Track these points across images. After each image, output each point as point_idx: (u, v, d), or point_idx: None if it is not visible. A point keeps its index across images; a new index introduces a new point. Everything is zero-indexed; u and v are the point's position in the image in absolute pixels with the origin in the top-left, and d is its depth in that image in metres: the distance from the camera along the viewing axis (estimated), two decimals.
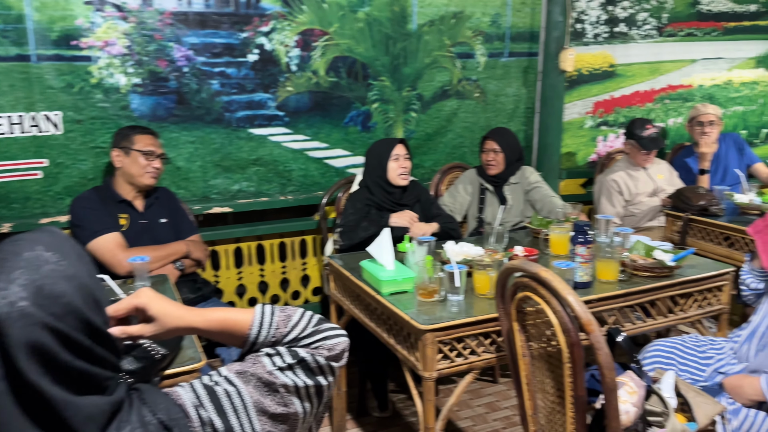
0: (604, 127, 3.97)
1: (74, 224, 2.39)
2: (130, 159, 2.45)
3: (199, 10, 2.84)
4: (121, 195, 2.48)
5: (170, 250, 2.47)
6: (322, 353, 0.96)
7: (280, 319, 0.99)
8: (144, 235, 2.47)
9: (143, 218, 2.51)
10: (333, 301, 2.48)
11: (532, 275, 1.48)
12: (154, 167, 2.48)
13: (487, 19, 3.47)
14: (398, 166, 2.74)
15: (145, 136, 2.50)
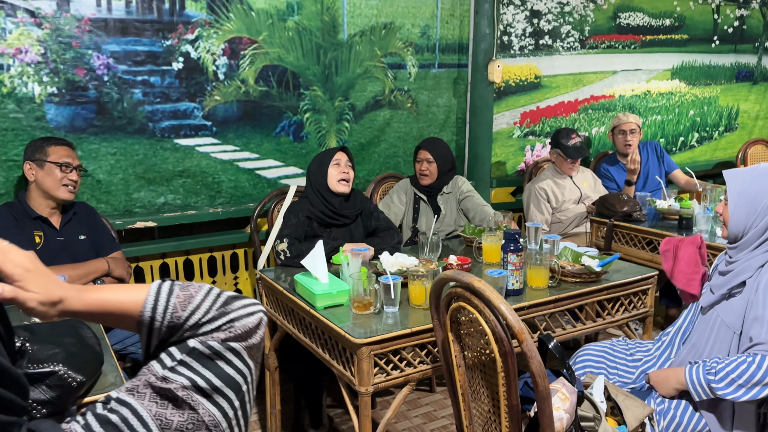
0: (531, 137, 4.08)
1: None
2: (45, 172, 2.31)
3: (120, 17, 2.72)
4: (35, 211, 2.33)
5: (89, 269, 2.34)
6: (218, 336, 0.80)
7: (178, 301, 0.83)
8: (61, 254, 2.33)
9: (60, 235, 2.37)
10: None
11: (465, 285, 1.48)
12: (70, 180, 2.34)
13: (417, 31, 3.50)
14: (339, 172, 2.62)
15: (60, 147, 2.36)
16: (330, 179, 2.62)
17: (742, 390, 1.59)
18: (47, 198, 2.34)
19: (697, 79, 4.79)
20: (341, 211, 2.64)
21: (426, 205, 3.15)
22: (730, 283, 1.77)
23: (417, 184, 3.17)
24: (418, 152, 3.14)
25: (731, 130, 5.05)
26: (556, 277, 2.16)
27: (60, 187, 2.32)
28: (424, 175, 3.11)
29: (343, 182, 2.62)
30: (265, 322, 0.86)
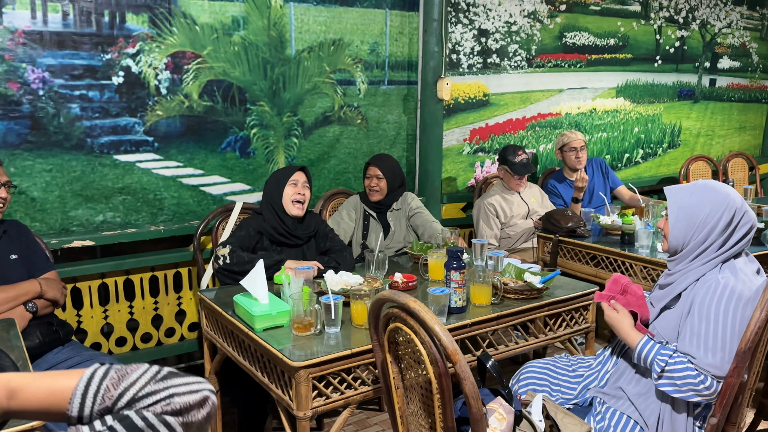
0: (480, 154, 4.12)
1: None
2: None
3: (57, 30, 2.63)
4: None
5: (20, 291, 2.22)
6: (154, 409, 0.76)
7: (111, 382, 0.78)
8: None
9: None
10: (206, 338, 2.34)
11: (401, 306, 1.46)
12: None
13: (366, 48, 3.50)
14: (294, 192, 2.57)
15: None
16: (285, 198, 2.57)
17: (673, 388, 1.63)
18: None
19: (641, 97, 4.93)
20: (294, 231, 2.59)
21: (375, 221, 3.14)
22: (669, 295, 1.81)
23: (367, 201, 3.15)
24: (368, 168, 3.13)
25: (674, 147, 5.22)
26: (498, 294, 2.16)
27: None
28: (373, 191, 3.10)
29: (298, 204, 2.58)
30: (212, 401, 0.81)
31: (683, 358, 1.64)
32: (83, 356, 2.31)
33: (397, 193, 3.15)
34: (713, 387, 1.60)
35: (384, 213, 3.15)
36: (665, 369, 1.65)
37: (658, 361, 1.67)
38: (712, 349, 1.60)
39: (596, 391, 1.89)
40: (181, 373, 0.83)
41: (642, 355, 1.72)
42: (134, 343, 3.03)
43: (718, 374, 1.59)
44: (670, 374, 1.64)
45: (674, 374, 1.63)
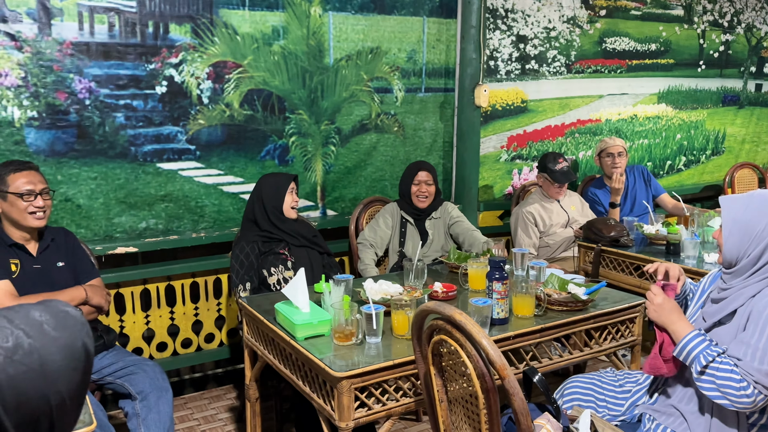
0: (518, 161, 4.07)
1: None
2: (8, 203, 2.17)
3: (103, 41, 2.69)
4: (11, 238, 2.24)
5: (66, 297, 2.26)
6: None
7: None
8: (39, 281, 2.25)
9: (37, 263, 2.27)
10: (247, 345, 2.35)
11: (447, 318, 1.44)
12: (36, 207, 2.19)
13: (404, 55, 3.50)
14: (292, 200, 2.70)
15: (19, 174, 2.19)
16: (285, 205, 2.67)
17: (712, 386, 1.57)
18: (19, 228, 2.25)
19: (684, 103, 4.82)
20: (295, 231, 2.69)
21: (413, 228, 3.11)
22: (723, 311, 1.74)
23: (405, 207, 3.11)
24: (416, 174, 3.06)
25: (718, 154, 5.07)
26: (542, 306, 2.12)
27: (27, 216, 2.19)
28: (422, 198, 3.05)
29: (293, 210, 2.71)
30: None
31: (730, 360, 1.58)
32: (126, 361, 2.35)
33: (437, 201, 3.13)
34: (753, 397, 1.53)
35: (422, 221, 3.12)
36: (709, 366, 1.58)
37: (705, 355, 1.60)
38: (760, 358, 1.54)
39: (646, 408, 1.83)
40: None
41: (688, 348, 1.64)
42: (174, 349, 3.07)
43: (764, 383, 1.52)
44: (713, 373, 1.57)
45: (717, 373, 1.57)
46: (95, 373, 2.31)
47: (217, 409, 3.07)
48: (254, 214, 2.68)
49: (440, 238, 3.12)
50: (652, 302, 1.77)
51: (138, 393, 2.28)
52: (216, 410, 3.06)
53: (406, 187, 3.09)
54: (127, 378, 2.31)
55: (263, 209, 2.66)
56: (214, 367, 3.34)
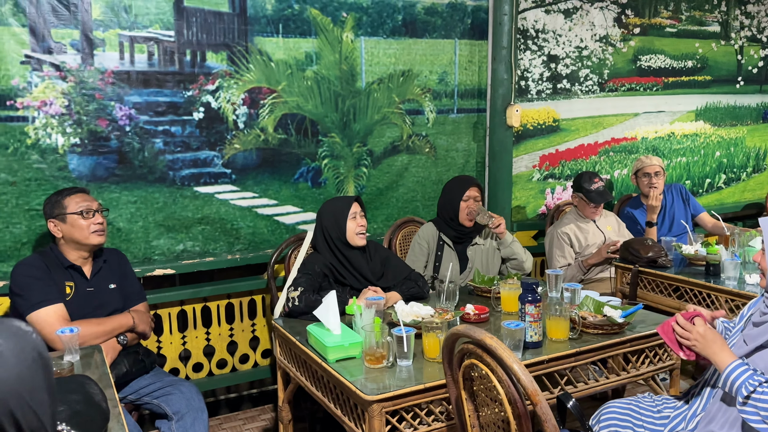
0: (551, 180, 4.04)
1: (14, 293, 2.20)
2: (69, 225, 2.27)
3: (142, 69, 2.79)
4: (68, 260, 2.30)
5: (114, 325, 2.29)
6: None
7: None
8: (91, 303, 2.30)
9: (90, 285, 2.33)
10: (280, 366, 2.37)
11: (477, 342, 1.43)
12: (96, 224, 2.29)
13: (435, 77, 3.53)
14: (356, 225, 2.56)
15: (74, 195, 2.32)
16: (349, 233, 2.56)
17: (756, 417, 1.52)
18: (79, 249, 2.30)
19: (723, 120, 4.71)
20: (360, 269, 2.55)
21: (451, 251, 3.01)
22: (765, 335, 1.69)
23: (444, 228, 3.03)
24: (468, 189, 2.95)
25: (759, 171, 4.93)
26: (577, 329, 2.09)
27: (89, 235, 2.28)
28: (472, 216, 2.96)
29: (361, 235, 2.57)
30: None
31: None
32: (163, 382, 2.39)
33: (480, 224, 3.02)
34: None
35: (463, 244, 3.02)
36: (752, 395, 1.54)
37: (747, 385, 1.55)
38: None
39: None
40: None
41: (730, 378, 1.60)
42: (210, 369, 3.11)
43: None
44: (756, 402, 1.53)
45: (759, 402, 1.52)
46: (133, 393, 2.36)
47: (252, 430, 3.09)
48: (319, 247, 2.60)
49: (482, 266, 3.00)
50: (692, 332, 1.73)
51: (174, 413, 2.31)
52: (250, 431, 3.08)
53: (452, 204, 2.94)
54: (164, 398, 2.35)
55: (327, 243, 2.56)
56: (249, 387, 3.37)
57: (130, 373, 2.32)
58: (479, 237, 3.04)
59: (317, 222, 2.64)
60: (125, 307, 2.43)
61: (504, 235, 2.98)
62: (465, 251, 3.02)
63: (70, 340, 1.92)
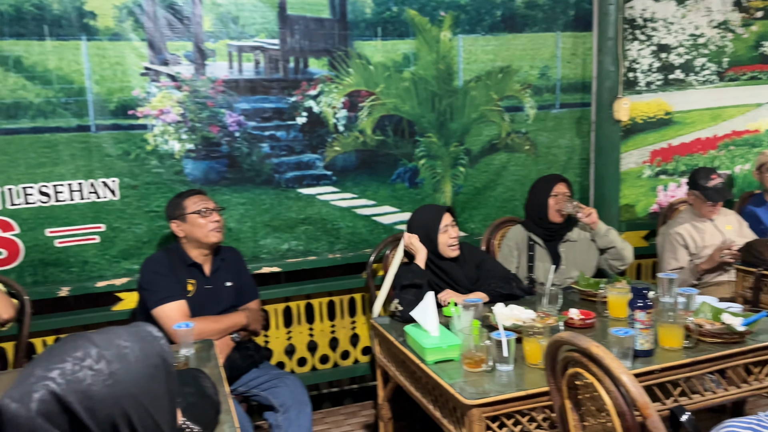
0: (663, 176, 3.80)
1: (142, 287, 2.39)
2: (189, 224, 2.43)
3: (250, 77, 2.93)
4: (190, 257, 2.46)
5: (229, 323, 2.43)
6: None
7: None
8: (208, 300, 2.45)
9: (209, 283, 2.48)
10: (379, 365, 2.41)
11: (582, 350, 1.38)
12: (214, 222, 2.44)
13: (536, 72, 3.43)
14: (448, 238, 2.57)
15: (193, 196, 2.49)
16: (441, 246, 2.57)
17: None
18: (200, 247, 2.46)
19: None
20: (455, 279, 2.54)
21: (543, 250, 2.96)
22: None
23: (533, 228, 2.99)
24: (555, 185, 2.92)
25: None
26: (692, 337, 1.96)
27: (208, 233, 2.42)
28: (561, 214, 2.91)
29: (453, 247, 2.56)
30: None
31: None
32: (270, 375, 2.50)
33: (571, 219, 2.96)
34: None
35: (554, 242, 2.98)
36: None
37: None
38: None
39: None
40: None
41: None
42: (313, 365, 3.21)
43: None
44: None
45: None
46: (243, 385, 2.48)
47: (353, 426, 3.16)
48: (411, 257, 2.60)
49: (577, 263, 2.94)
50: None
51: (280, 405, 2.41)
52: (352, 426, 3.16)
53: (540, 202, 2.92)
54: (271, 391, 2.46)
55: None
56: (350, 383, 3.45)
57: (241, 368, 2.45)
58: (570, 233, 2.94)
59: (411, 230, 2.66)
60: (239, 303, 2.56)
61: (597, 225, 2.87)
62: (557, 249, 2.94)
63: (185, 335, 2.06)
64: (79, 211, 2.73)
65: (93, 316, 2.79)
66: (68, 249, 2.73)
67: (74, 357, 0.86)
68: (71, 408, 0.83)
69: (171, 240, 2.80)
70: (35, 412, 0.81)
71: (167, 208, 2.52)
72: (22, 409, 0.81)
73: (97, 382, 0.84)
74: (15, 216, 2.63)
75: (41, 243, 2.68)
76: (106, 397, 0.85)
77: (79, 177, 2.71)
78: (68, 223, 2.72)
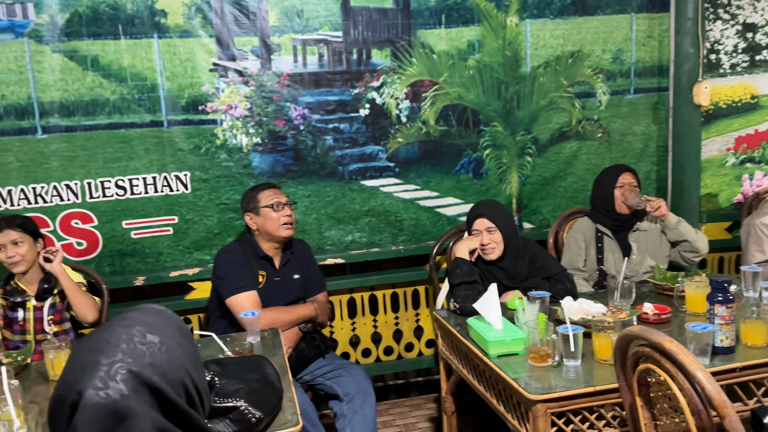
0: (749, 165, 3.56)
1: (217, 276, 2.45)
2: (262, 218, 2.47)
3: (314, 71, 2.95)
4: (262, 250, 2.51)
5: (299, 314, 2.47)
6: None
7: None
8: (277, 292, 2.50)
9: (278, 275, 2.53)
10: (442, 358, 2.38)
11: (654, 345, 1.30)
12: (286, 216, 2.48)
13: (608, 56, 3.28)
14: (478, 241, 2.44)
15: (267, 190, 2.52)
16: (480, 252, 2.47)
17: None
18: (271, 240, 2.51)
19: None
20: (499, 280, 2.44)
21: (611, 240, 2.82)
22: None
23: (600, 219, 2.87)
24: (621, 175, 2.82)
25: None
26: None
27: (280, 227, 2.46)
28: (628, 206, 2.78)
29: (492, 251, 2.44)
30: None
31: None
32: (335, 364, 2.53)
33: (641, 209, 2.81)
34: None
35: (623, 232, 2.84)
36: None
37: None
38: None
39: None
40: None
41: None
42: (378, 356, 3.22)
43: None
44: None
45: None
46: (309, 374, 2.52)
47: (418, 418, 3.15)
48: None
49: (649, 253, 2.81)
50: None
51: (345, 395, 2.43)
52: (416, 419, 3.15)
53: (606, 193, 2.82)
54: (336, 380, 2.48)
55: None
56: (416, 375, 3.44)
57: (308, 357, 2.49)
58: (640, 222, 2.81)
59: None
60: (307, 295, 2.60)
61: (666, 217, 2.72)
62: (626, 239, 2.82)
63: (251, 322, 2.10)
64: (154, 204, 2.84)
65: (169, 305, 2.88)
66: (143, 240, 2.85)
67: (122, 340, 0.89)
68: (150, 381, 0.87)
69: (241, 231, 2.88)
70: (129, 391, 0.85)
71: (242, 201, 2.58)
72: (113, 393, 0.84)
73: (155, 353, 0.90)
74: (94, 209, 2.78)
75: (118, 234, 2.82)
76: (168, 363, 0.91)
77: (153, 171, 2.82)
78: (143, 216, 2.84)
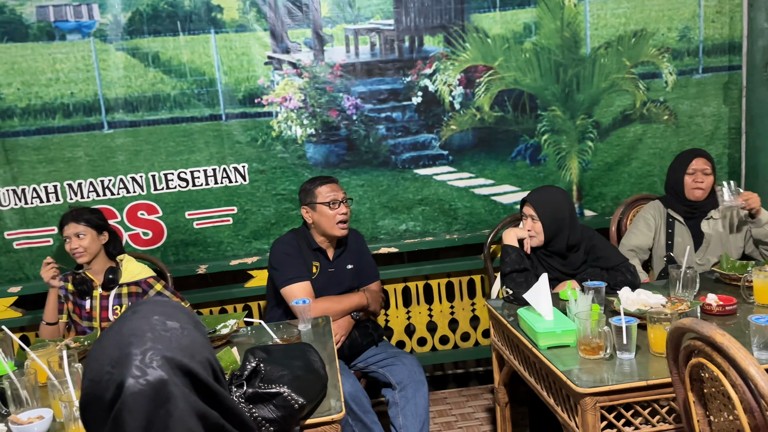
0: None
1: (272, 266, 2.49)
2: (318, 213, 2.46)
3: (366, 60, 2.96)
4: (316, 242, 2.53)
5: (352, 303, 2.49)
6: None
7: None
8: (330, 283, 2.53)
9: (331, 267, 2.55)
10: (494, 348, 2.35)
11: (705, 338, 1.23)
12: (341, 215, 2.45)
13: (675, 35, 3.11)
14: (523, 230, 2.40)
15: (324, 186, 2.48)
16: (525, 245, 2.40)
17: None
18: (324, 235, 2.51)
19: None
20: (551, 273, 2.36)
21: (683, 228, 2.69)
22: None
23: (673, 204, 2.73)
24: (692, 161, 2.67)
25: None
26: None
27: (334, 226, 2.45)
28: (698, 189, 2.64)
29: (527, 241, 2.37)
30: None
31: None
32: (388, 353, 2.54)
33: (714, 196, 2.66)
34: None
35: (697, 219, 2.70)
36: None
37: None
38: None
39: None
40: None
41: None
42: (433, 344, 3.22)
43: None
44: None
45: None
46: (362, 361, 2.55)
47: (474, 408, 3.13)
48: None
49: (722, 242, 2.66)
50: None
51: (397, 383, 2.44)
52: (473, 409, 3.13)
53: (677, 179, 2.68)
54: (388, 368, 2.49)
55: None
56: (476, 365, 3.41)
57: (360, 345, 2.51)
58: (715, 210, 2.65)
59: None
60: (360, 284, 2.62)
61: (760, 212, 2.54)
62: (699, 226, 2.66)
63: (302, 310, 2.14)
64: (214, 195, 2.94)
65: (230, 292, 3.01)
66: (205, 230, 2.96)
67: (146, 329, 0.92)
68: (182, 363, 0.90)
69: (297, 221, 2.94)
70: (169, 375, 0.88)
71: (300, 193, 2.55)
72: (153, 379, 0.87)
73: (179, 337, 0.93)
74: (158, 200, 2.90)
75: (182, 225, 2.94)
76: (192, 345, 0.94)
77: (213, 163, 2.92)
78: (205, 206, 2.94)
